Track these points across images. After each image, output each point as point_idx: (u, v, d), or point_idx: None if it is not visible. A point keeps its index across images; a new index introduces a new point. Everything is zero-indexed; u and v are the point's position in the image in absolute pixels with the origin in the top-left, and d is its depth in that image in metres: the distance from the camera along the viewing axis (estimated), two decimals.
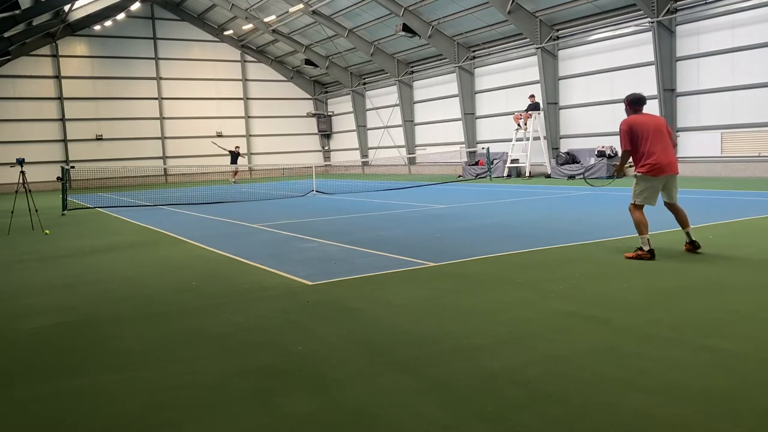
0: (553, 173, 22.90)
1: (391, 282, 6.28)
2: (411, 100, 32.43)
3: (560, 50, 23.89)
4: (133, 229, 12.23)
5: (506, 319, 4.77)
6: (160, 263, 8.13)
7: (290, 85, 39.91)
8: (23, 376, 4.03)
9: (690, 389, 3.30)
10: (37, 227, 12.57)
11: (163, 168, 35.23)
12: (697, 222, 9.34)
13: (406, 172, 32.61)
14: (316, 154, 40.24)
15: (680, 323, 4.46)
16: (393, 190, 20.16)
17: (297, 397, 3.44)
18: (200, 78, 36.86)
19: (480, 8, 24.07)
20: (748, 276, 5.89)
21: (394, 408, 3.23)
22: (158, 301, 5.97)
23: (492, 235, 9.24)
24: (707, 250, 7.19)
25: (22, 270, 8.00)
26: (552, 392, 3.33)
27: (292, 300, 5.71)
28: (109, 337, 4.80)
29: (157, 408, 3.40)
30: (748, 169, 18.39)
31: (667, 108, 19.97)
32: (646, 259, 6.77)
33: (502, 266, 6.83)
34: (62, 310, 5.72)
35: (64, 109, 33.31)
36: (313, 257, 7.91)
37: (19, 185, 12.63)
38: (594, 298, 5.31)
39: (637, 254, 6.85)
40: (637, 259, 6.81)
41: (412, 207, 14.07)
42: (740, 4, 18.21)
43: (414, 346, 4.23)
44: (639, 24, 20.71)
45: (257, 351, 4.30)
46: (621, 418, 3.00)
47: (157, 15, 35.84)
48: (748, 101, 18.32)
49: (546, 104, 23.96)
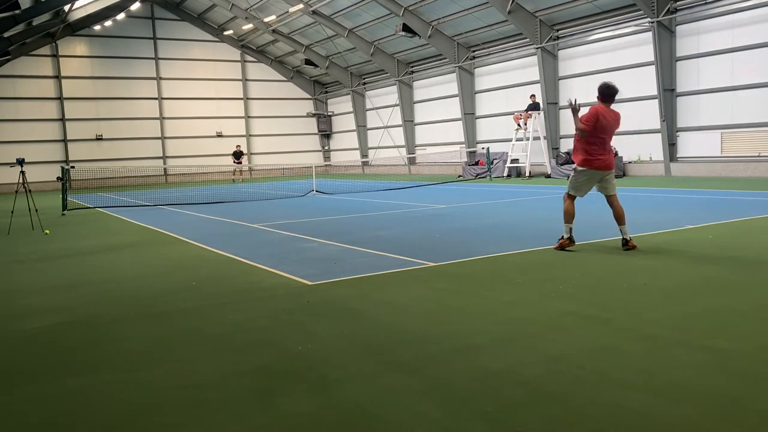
0: (553, 173, 22.90)
1: (391, 282, 6.28)
2: (411, 100, 32.44)
3: (560, 50, 23.89)
4: (133, 229, 12.23)
5: (506, 319, 4.77)
6: (160, 263, 8.13)
7: (290, 85, 39.92)
8: (23, 376, 4.03)
9: (690, 389, 3.30)
10: (37, 227, 12.57)
11: (163, 168, 35.23)
12: (697, 222, 9.35)
13: (406, 172, 32.61)
14: (316, 154, 40.24)
15: (680, 323, 4.45)
16: (393, 190, 20.16)
17: (297, 397, 3.44)
18: (200, 78, 36.87)
19: (480, 8, 24.07)
20: (748, 276, 5.89)
21: (394, 408, 3.23)
22: (158, 301, 5.97)
23: (492, 235, 9.24)
24: (707, 250, 7.20)
25: (22, 270, 8.00)
26: (552, 392, 3.33)
27: (292, 300, 5.71)
28: (108, 337, 4.80)
29: (157, 408, 3.40)
30: (748, 169, 18.39)
31: (667, 108, 19.97)
32: (567, 246, 7.39)
33: (502, 266, 6.83)
34: (62, 310, 5.71)
35: (64, 109, 33.31)
36: (313, 257, 7.91)
37: (19, 185, 12.62)
38: (594, 298, 5.30)
39: (561, 243, 7.44)
40: (561, 249, 7.38)
41: (412, 207, 14.07)
42: (740, 4, 18.21)
43: (414, 346, 4.22)
44: (639, 24, 20.70)
45: (257, 351, 4.29)
46: (621, 418, 3.00)
47: (157, 15, 35.85)
48: (748, 101, 18.33)
49: (546, 104, 23.96)
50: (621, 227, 7.40)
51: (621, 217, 7.41)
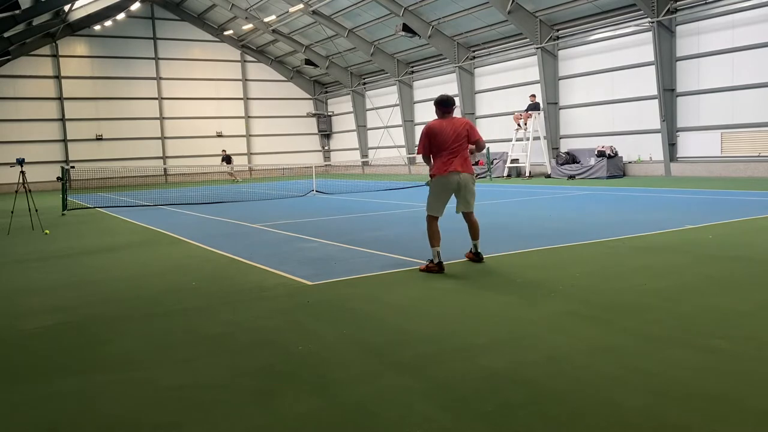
0: (553, 173, 22.89)
1: (391, 282, 6.28)
2: (411, 100, 32.44)
3: (560, 50, 23.89)
4: (133, 229, 12.22)
5: (506, 319, 4.77)
6: (160, 263, 8.13)
7: (290, 85, 39.91)
8: (23, 376, 4.03)
9: (690, 389, 3.30)
10: (37, 227, 12.57)
11: (163, 168, 35.23)
12: (698, 222, 9.34)
13: (406, 172, 32.60)
14: (316, 154, 40.24)
15: (680, 323, 4.45)
16: (393, 190, 20.15)
17: (297, 397, 3.44)
18: (200, 78, 36.87)
19: (480, 8, 24.07)
20: (748, 276, 5.89)
21: (394, 408, 3.23)
22: (158, 301, 5.97)
23: (492, 235, 9.23)
24: (707, 250, 7.20)
25: (22, 270, 8.00)
26: (552, 392, 3.33)
27: (292, 300, 5.71)
28: (108, 338, 4.80)
29: (157, 408, 3.39)
30: (748, 169, 18.39)
31: (667, 108, 19.97)
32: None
33: (502, 266, 6.83)
34: (62, 310, 5.71)
35: (64, 109, 33.31)
36: (313, 257, 7.91)
37: (19, 185, 12.62)
38: (594, 298, 5.30)
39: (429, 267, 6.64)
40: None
41: (412, 207, 14.06)
42: (740, 4, 18.21)
43: (414, 346, 4.22)
44: (639, 24, 20.70)
45: (257, 351, 4.29)
46: (621, 418, 3.00)
47: (157, 15, 35.84)
48: (748, 101, 18.33)
49: (546, 104, 23.96)
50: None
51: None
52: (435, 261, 6.65)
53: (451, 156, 6.79)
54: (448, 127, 6.81)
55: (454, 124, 6.87)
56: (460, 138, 6.82)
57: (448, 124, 6.85)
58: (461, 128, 6.86)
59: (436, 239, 6.78)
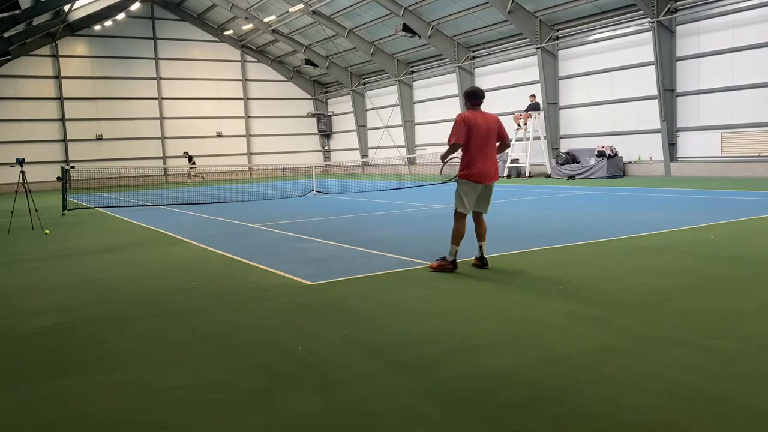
0: (553, 173, 22.89)
1: (392, 282, 6.28)
2: (411, 100, 32.43)
3: (560, 50, 23.89)
4: (133, 229, 12.22)
5: (506, 319, 4.77)
6: (160, 263, 8.13)
7: (290, 85, 39.91)
8: (23, 376, 4.02)
9: (690, 389, 3.30)
10: (37, 227, 12.56)
11: (163, 168, 35.22)
12: (698, 222, 9.34)
13: (406, 172, 32.60)
14: (316, 154, 40.24)
15: (680, 323, 4.45)
16: (393, 190, 20.15)
17: (297, 397, 3.44)
18: (200, 78, 36.87)
19: (480, 8, 24.07)
20: (748, 276, 5.89)
21: (395, 408, 3.23)
22: (158, 301, 5.97)
23: (492, 235, 9.21)
24: (708, 250, 7.19)
25: (22, 270, 8.00)
26: (552, 392, 3.33)
27: (292, 300, 5.71)
28: (108, 338, 4.80)
29: (157, 408, 3.39)
30: (748, 169, 18.39)
31: (667, 108, 19.97)
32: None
33: (502, 266, 6.83)
34: (62, 310, 5.71)
35: (64, 109, 33.30)
36: (313, 257, 7.90)
37: (19, 185, 12.62)
38: (594, 298, 5.30)
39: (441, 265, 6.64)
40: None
41: (412, 207, 14.06)
42: (740, 4, 18.21)
43: (414, 346, 4.22)
44: (639, 24, 20.70)
45: (257, 351, 4.29)
46: (621, 418, 3.00)
47: (157, 15, 35.84)
48: (748, 101, 18.33)
49: (546, 104, 23.96)
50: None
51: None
52: (450, 259, 6.60)
53: (484, 158, 6.62)
54: (482, 121, 6.65)
55: (486, 118, 6.69)
56: (491, 133, 6.67)
57: (482, 117, 6.68)
58: (493, 124, 6.72)
59: (460, 237, 6.68)
